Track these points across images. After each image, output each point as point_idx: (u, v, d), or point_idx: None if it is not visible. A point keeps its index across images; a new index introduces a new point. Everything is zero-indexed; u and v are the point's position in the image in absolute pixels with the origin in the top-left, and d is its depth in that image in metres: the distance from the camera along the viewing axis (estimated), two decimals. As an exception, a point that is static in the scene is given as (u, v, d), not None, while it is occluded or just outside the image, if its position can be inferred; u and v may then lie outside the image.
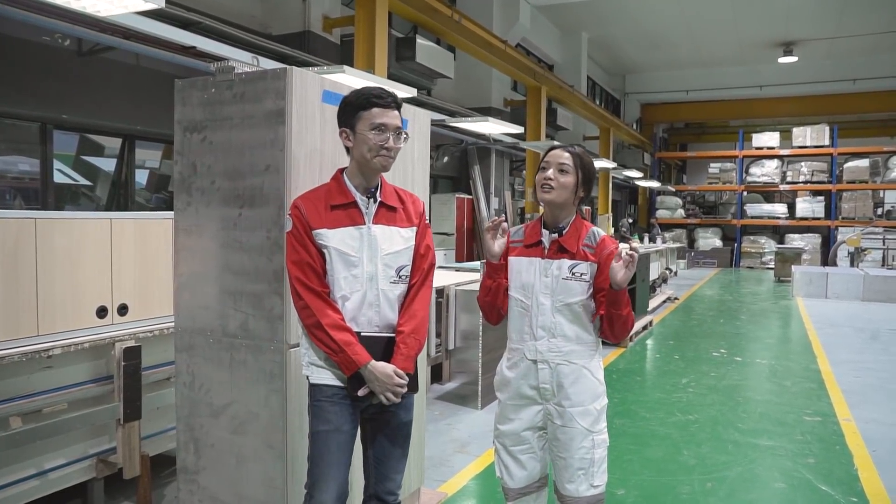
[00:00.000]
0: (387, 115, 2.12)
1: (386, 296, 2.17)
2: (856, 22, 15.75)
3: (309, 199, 2.14)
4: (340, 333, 2.07)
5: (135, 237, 3.46)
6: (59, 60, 5.53)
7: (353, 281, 2.13)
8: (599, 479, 2.32)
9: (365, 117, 2.11)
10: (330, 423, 2.13)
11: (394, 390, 2.11)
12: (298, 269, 2.10)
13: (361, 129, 2.11)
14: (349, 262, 2.12)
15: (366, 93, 2.14)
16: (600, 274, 2.25)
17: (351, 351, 2.06)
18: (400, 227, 2.22)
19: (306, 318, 2.10)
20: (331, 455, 2.12)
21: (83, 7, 3.57)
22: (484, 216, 11.96)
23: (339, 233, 2.11)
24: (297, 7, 8.04)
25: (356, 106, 2.12)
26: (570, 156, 2.29)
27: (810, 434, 4.66)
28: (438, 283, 5.25)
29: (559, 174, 2.27)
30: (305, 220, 2.10)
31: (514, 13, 12.61)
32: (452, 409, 5.17)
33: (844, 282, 12.53)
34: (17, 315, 2.92)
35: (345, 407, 2.15)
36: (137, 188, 6.72)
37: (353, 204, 2.15)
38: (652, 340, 8.31)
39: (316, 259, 2.10)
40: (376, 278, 2.15)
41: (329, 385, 2.14)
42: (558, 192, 2.26)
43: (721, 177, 22.22)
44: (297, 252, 2.10)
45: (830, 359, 7.13)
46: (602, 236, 2.31)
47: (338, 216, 2.13)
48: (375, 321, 2.16)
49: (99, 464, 3.19)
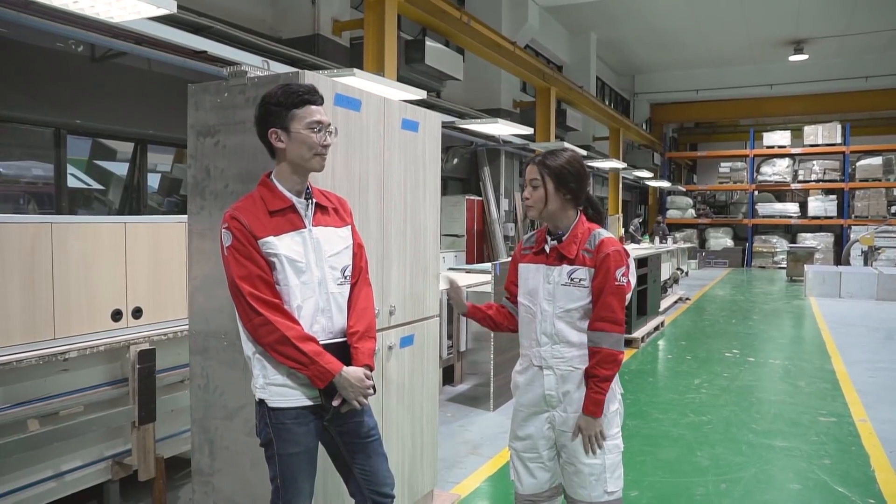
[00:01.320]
0: (320, 111, 2.06)
1: (335, 300, 2.11)
2: (867, 19, 15.62)
3: (244, 208, 2.03)
4: (308, 345, 1.97)
5: (149, 241, 3.48)
6: (73, 66, 5.58)
7: (304, 288, 2.04)
8: (614, 484, 2.28)
9: (300, 115, 2.02)
10: (300, 445, 2.05)
11: (365, 393, 2.04)
12: (249, 283, 1.96)
13: (297, 128, 2.02)
14: (298, 269, 2.03)
15: (296, 90, 2.04)
16: (595, 277, 2.22)
17: (323, 361, 1.97)
18: (336, 227, 2.15)
19: (267, 335, 1.96)
20: (303, 474, 2.07)
21: (97, 13, 3.60)
22: (494, 217, 11.95)
23: (285, 239, 2.02)
24: (307, 10, 8.08)
25: (288, 105, 2.02)
26: (536, 167, 2.28)
27: (825, 435, 4.62)
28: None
29: (532, 190, 2.28)
30: (248, 230, 1.98)
31: (523, 14, 12.60)
32: (465, 410, 5.17)
33: (858, 281, 12.43)
34: (33, 319, 2.95)
35: (311, 426, 2.07)
36: (149, 192, 6.77)
37: (292, 208, 2.06)
38: (664, 341, 8.27)
39: (265, 271, 1.99)
40: (325, 282, 2.08)
41: (291, 408, 2.04)
42: (536, 209, 2.29)
43: (732, 176, 22.11)
44: (243, 266, 1.97)
45: (845, 359, 7.07)
46: (601, 238, 2.25)
47: (278, 222, 2.03)
48: (329, 328, 2.09)
49: (114, 466, 3.21)
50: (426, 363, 3.21)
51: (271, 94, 2.05)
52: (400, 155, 2.99)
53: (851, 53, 18.57)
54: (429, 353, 3.24)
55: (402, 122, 2.99)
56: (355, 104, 2.67)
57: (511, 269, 2.47)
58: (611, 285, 2.19)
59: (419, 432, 3.17)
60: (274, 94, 2.05)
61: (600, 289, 2.20)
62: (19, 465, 2.86)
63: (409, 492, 3.10)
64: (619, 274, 2.20)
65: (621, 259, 2.22)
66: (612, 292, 2.19)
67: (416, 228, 3.13)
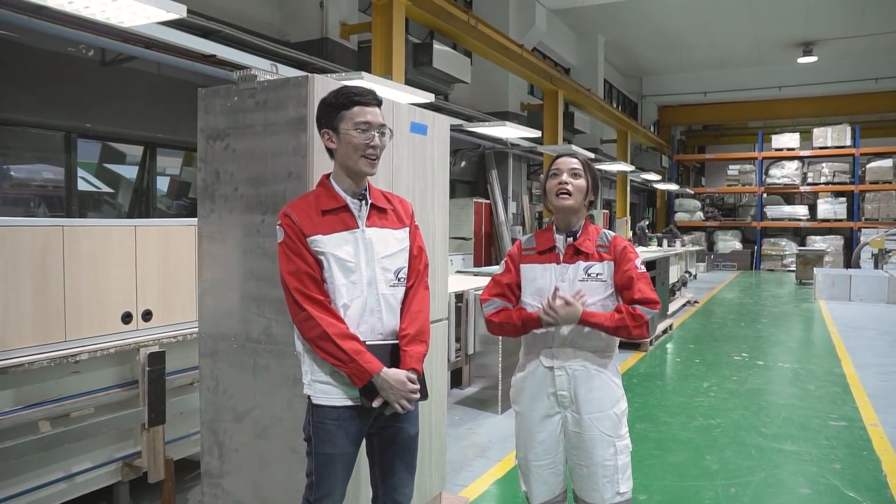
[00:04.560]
0: (369, 112, 2.06)
1: (387, 301, 2.10)
2: (877, 20, 15.54)
3: (298, 206, 2.07)
4: (348, 342, 1.99)
5: (159, 244, 3.50)
6: (83, 70, 5.62)
7: (352, 288, 2.05)
8: (625, 485, 2.30)
9: (348, 116, 2.05)
10: (336, 447, 2.06)
11: (408, 397, 2.03)
12: (296, 279, 2.01)
13: (345, 128, 2.05)
14: (347, 269, 2.04)
15: (346, 91, 2.08)
16: (618, 269, 2.28)
17: (362, 360, 1.98)
18: (392, 228, 2.15)
19: (310, 330, 2.00)
20: (337, 474, 2.08)
21: (108, 18, 3.64)
22: (502, 220, 11.94)
23: (334, 238, 2.04)
24: (315, 14, 8.10)
25: (337, 106, 2.05)
26: (579, 161, 2.34)
27: (836, 439, 4.59)
28: (457, 288, 5.25)
29: (573, 178, 2.30)
30: (298, 227, 2.02)
31: (530, 17, 12.61)
32: (472, 413, 5.16)
33: (868, 284, 12.33)
34: (45, 321, 2.97)
35: (351, 429, 2.08)
36: (158, 195, 6.81)
37: (345, 208, 2.08)
38: (672, 344, 8.24)
39: (314, 268, 2.02)
40: (375, 283, 2.08)
41: (335, 406, 2.06)
42: (575, 198, 2.29)
43: (740, 179, 22.00)
44: (292, 262, 2.02)
45: (855, 362, 7.02)
46: (614, 235, 2.35)
47: (330, 221, 2.05)
48: (378, 328, 2.09)
49: (124, 468, 3.23)
50: (434, 366, 3.21)
51: (326, 96, 2.10)
52: (409, 158, 2.99)
53: (861, 55, 18.47)
54: (437, 355, 3.23)
55: (410, 125, 3.00)
56: (364, 108, 2.67)
57: (511, 271, 2.42)
58: (637, 272, 2.28)
59: (427, 435, 3.16)
60: (328, 95, 2.10)
61: (630, 278, 2.26)
62: (31, 466, 2.88)
63: (418, 495, 3.10)
64: (638, 263, 2.31)
65: (635, 252, 2.34)
66: (640, 278, 2.28)
67: (425, 231, 3.12)
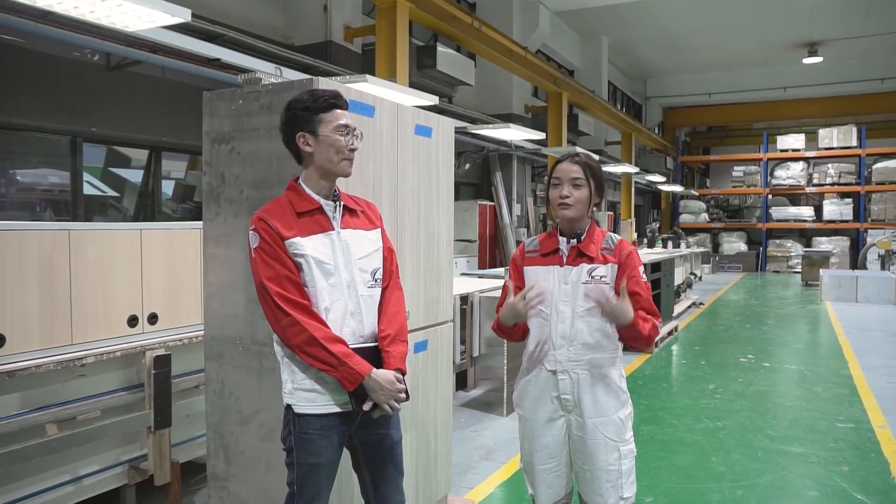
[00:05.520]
0: (346, 115, 2.07)
1: (366, 302, 2.09)
2: (882, 20, 15.48)
3: (272, 210, 2.03)
4: (337, 346, 1.95)
5: (164, 247, 3.51)
6: (89, 75, 5.65)
7: (333, 290, 2.02)
8: (629, 490, 2.28)
9: (327, 119, 2.04)
10: (321, 457, 2.02)
11: (396, 397, 2.01)
12: (276, 284, 1.95)
13: (325, 131, 2.03)
14: (326, 271, 2.02)
15: (322, 94, 2.06)
16: (620, 273, 2.25)
17: (352, 362, 1.94)
18: (365, 229, 2.14)
19: (295, 336, 1.94)
20: (320, 484, 2.04)
21: (113, 23, 3.66)
22: (506, 223, 11.94)
23: (312, 240, 2.01)
24: (319, 17, 8.12)
25: (316, 109, 2.04)
26: (580, 167, 2.26)
27: (843, 441, 4.56)
28: (462, 290, 5.25)
29: (574, 189, 2.24)
30: (275, 231, 1.97)
31: (534, 19, 12.62)
32: (478, 416, 5.16)
33: (875, 285, 12.28)
34: (51, 325, 2.98)
35: (335, 436, 2.05)
36: (163, 199, 6.83)
37: (319, 210, 2.06)
38: (678, 346, 8.21)
39: (294, 271, 1.98)
40: (354, 285, 2.06)
41: (319, 415, 2.01)
42: (576, 209, 2.25)
43: (745, 180, 21.94)
44: (271, 267, 1.97)
45: (862, 364, 6.99)
46: (620, 238, 2.33)
47: (306, 224, 2.02)
48: (359, 331, 2.06)
49: (131, 470, 3.24)
50: (440, 368, 3.22)
51: (298, 100, 2.06)
52: (413, 160, 2.99)
53: (866, 55, 18.40)
54: (442, 358, 3.24)
55: (415, 127, 3.00)
56: (369, 110, 2.68)
57: (513, 274, 2.42)
58: (642, 283, 2.28)
59: (433, 437, 3.17)
60: (300, 99, 2.06)
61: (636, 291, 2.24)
62: (38, 469, 2.88)
63: (424, 497, 3.10)
64: (640, 271, 2.30)
65: (639, 258, 2.32)
66: (645, 290, 2.28)
67: (430, 234, 3.14)
